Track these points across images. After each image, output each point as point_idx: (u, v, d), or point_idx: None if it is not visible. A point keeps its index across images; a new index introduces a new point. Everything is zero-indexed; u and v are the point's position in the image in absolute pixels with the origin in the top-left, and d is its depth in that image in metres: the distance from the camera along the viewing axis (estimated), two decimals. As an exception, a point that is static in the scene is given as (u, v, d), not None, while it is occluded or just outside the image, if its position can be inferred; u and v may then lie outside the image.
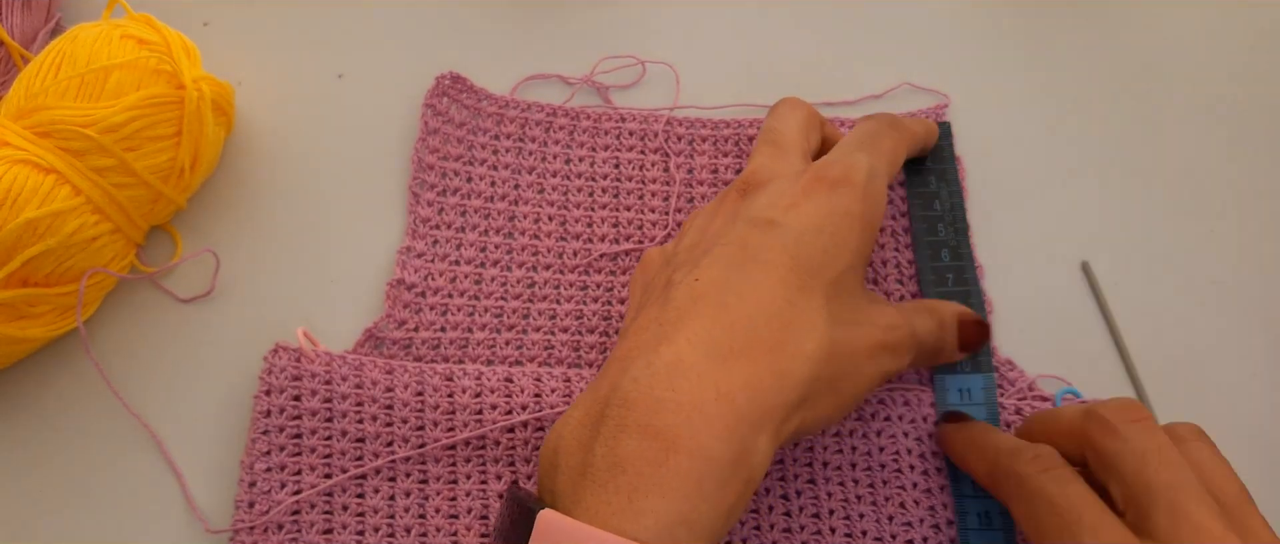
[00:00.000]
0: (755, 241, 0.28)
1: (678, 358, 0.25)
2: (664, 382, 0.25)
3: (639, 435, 0.24)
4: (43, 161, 0.32)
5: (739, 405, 0.25)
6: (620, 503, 0.23)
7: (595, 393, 0.26)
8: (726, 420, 0.25)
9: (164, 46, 0.36)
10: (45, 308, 0.34)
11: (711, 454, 0.24)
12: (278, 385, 0.34)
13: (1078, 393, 0.35)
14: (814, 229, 0.28)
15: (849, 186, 0.29)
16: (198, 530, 0.33)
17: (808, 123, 0.34)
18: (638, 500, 0.23)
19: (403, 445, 0.33)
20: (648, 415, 0.24)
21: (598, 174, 0.39)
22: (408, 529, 0.32)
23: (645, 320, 0.27)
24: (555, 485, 0.26)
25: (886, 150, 0.32)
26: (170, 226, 0.38)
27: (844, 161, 0.30)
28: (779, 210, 0.29)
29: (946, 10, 0.44)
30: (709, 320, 0.26)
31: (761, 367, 0.26)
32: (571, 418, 0.27)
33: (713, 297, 0.27)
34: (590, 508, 0.24)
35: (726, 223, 0.30)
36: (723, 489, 0.24)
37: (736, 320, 0.26)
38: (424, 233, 0.38)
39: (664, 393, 0.25)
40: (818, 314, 0.27)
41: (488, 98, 0.41)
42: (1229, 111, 0.41)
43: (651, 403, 0.25)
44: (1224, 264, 0.38)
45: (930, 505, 0.33)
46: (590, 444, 0.25)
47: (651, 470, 0.24)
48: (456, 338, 0.36)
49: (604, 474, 0.24)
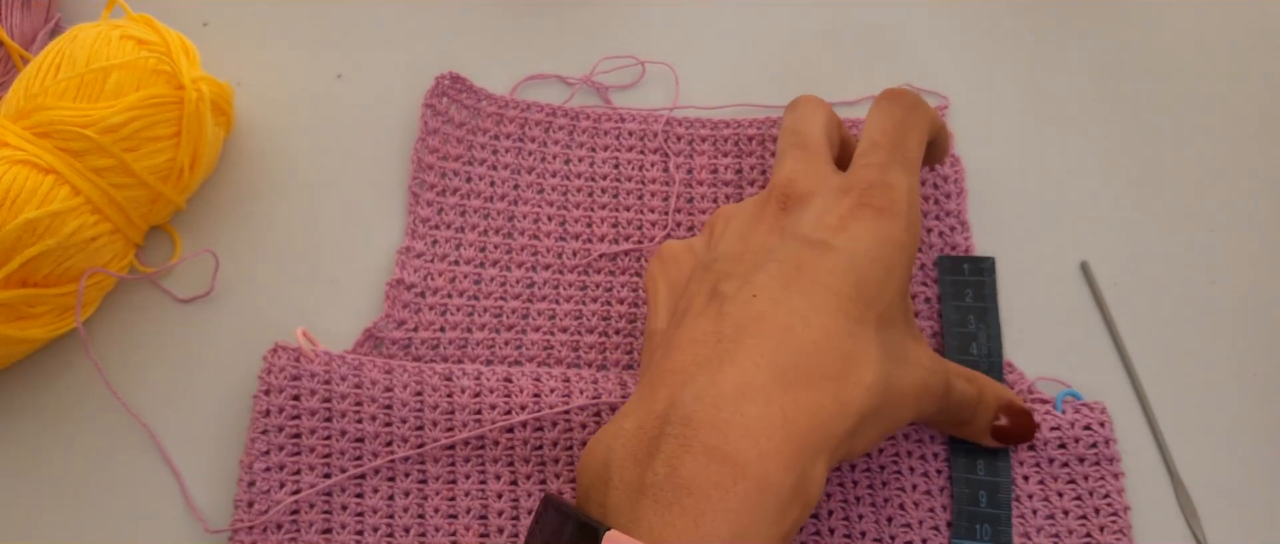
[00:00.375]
0: (811, 263, 0.27)
1: (745, 380, 0.25)
2: (731, 403, 0.24)
3: (705, 458, 0.24)
4: (42, 162, 0.32)
5: (804, 433, 0.24)
6: (686, 526, 0.23)
7: (649, 406, 0.26)
8: (791, 447, 0.24)
9: (163, 47, 0.36)
10: (44, 308, 0.34)
11: (775, 481, 0.24)
12: (277, 385, 0.34)
13: (1078, 394, 0.34)
14: (867, 257, 0.28)
15: (894, 214, 0.28)
16: (197, 530, 0.33)
17: (830, 122, 0.33)
18: (704, 524, 0.23)
19: (402, 445, 0.33)
20: (714, 437, 0.24)
21: (597, 174, 0.39)
22: (407, 529, 0.32)
23: (698, 333, 0.27)
24: (606, 500, 0.25)
25: (914, 151, 0.31)
26: (169, 227, 0.38)
27: (884, 185, 0.29)
28: (828, 231, 0.28)
29: (946, 10, 0.44)
30: (775, 342, 0.26)
31: (825, 395, 0.25)
32: (622, 429, 0.26)
33: (773, 316, 0.26)
34: (653, 528, 0.23)
35: (772, 235, 0.29)
36: (782, 516, 0.24)
37: (802, 345, 0.26)
38: (423, 233, 0.38)
39: (731, 415, 0.24)
40: (872, 345, 0.27)
41: (487, 98, 0.41)
42: (1229, 111, 0.41)
43: (718, 424, 0.24)
44: (1224, 264, 0.38)
45: (930, 507, 0.33)
46: (647, 460, 0.24)
47: (718, 495, 0.23)
48: (456, 338, 0.36)
49: (667, 494, 0.23)
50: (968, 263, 0.36)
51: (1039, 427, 0.33)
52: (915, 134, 0.31)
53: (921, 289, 0.37)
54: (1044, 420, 0.33)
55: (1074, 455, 0.33)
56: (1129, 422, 0.35)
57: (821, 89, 0.41)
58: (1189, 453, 0.34)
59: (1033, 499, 0.33)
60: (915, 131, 0.31)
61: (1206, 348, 0.36)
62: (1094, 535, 0.32)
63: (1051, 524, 0.32)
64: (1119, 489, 0.33)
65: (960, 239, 0.37)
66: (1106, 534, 0.32)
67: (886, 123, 0.31)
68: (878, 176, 0.29)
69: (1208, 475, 0.34)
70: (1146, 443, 0.34)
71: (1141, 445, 0.34)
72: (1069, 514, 0.32)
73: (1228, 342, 0.36)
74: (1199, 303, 0.37)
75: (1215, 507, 0.33)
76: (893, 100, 0.32)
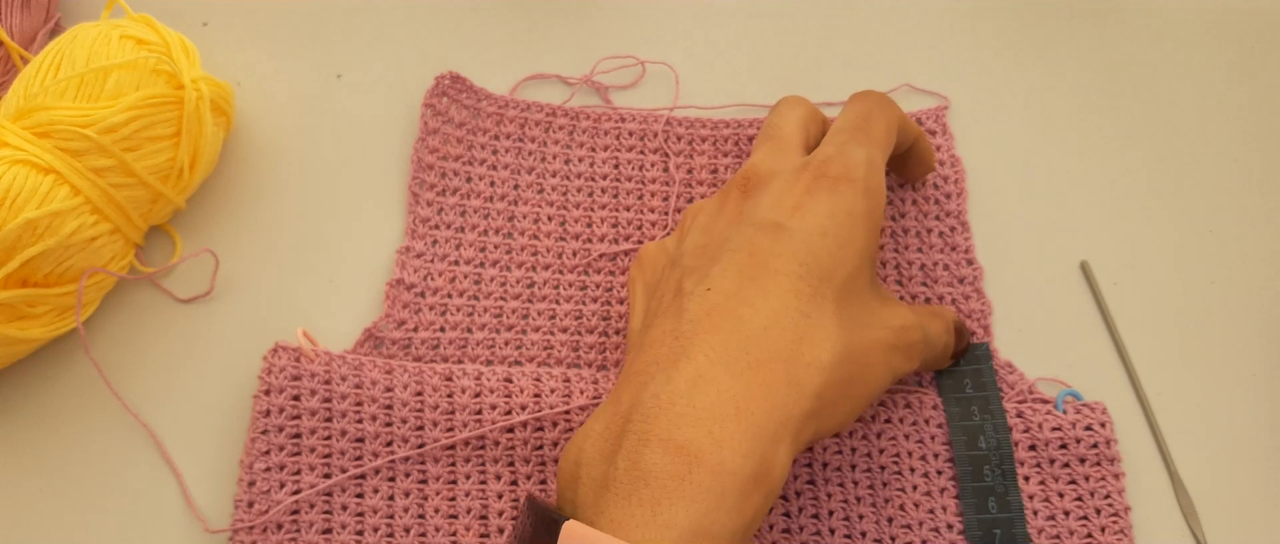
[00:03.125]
0: (764, 247, 0.28)
1: (697, 372, 0.26)
2: (685, 397, 0.25)
3: (661, 449, 0.25)
4: (42, 162, 0.32)
5: (758, 419, 0.25)
6: (644, 515, 0.24)
7: (616, 406, 0.27)
8: (747, 434, 0.25)
9: (163, 47, 0.36)
10: (44, 308, 0.34)
11: (733, 468, 0.24)
12: (277, 385, 0.34)
13: (1078, 395, 0.34)
14: (819, 232, 0.28)
15: (849, 183, 0.29)
16: (197, 530, 0.33)
17: (808, 117, 0.34)
18: (661, 512, 0.24)
19: (402, 445, 0.33)
20: (670, 429, 0.25)
21: (597, 174, 0.39)
22: (407, 529, 0.32)
23: (660, 333, 0.28)
24: (577, 497, 0.26)
25: (879, 135, 0.32)
26: (169, 227, 0.38)
27: (842, 157, 0.30)
28: (784, 213, 0.29)
29: (946, 10, 0.44)
30: (726, 333, 0.26)
31: (777, 378, 0.26)
32: (592, 431, 0.27)
33: (726, 308, 0.27)
34: (614, 519, 0.24)
35: (731, 225, 0.30)
36: (744, 502, 0.25)
37: (751, 332, 0.26)
38: (423, 233, 0.38)
39: (685, 408, 0.25)
40: (829, 320, 0.27)
41: (487, 98, 0.41)
42: (1229, 111, 0.41)
43: (673, 417, 0.25)
44: (1224, 264, 0.38)
45: (930, 507, 0.33)
46: (612, 456, 0.25)
47: (675, 484, 0.24)
48: (456, 338, 0.36)
49: (627, 486, 0.24)
50: None
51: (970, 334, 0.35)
52: (881, 121, 0.32)
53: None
54: (1044, 421, 0.33)
55: (1074, 456, 0.33)
56: (1129, 422, 0.35)
57: (821, 89, 0.41)
58: (1189, 453, 0.34)
59: (1033, 500, 0.33)
60: (881, 120, 0.32)
61: (1206, 348, 0.36)
62: (1095, 536, 0.32)
63: (1052, 525, 0.32)
64: (1119, 489, 0.33)
65: (960, 239, 0.37)
66: (1107, 534, 0.32)
67: (851, 112, 0.33)
68: (836, 151, 0.31)
69: (1208, 475, 0.34)
70: (1146, 443, 0.34)
71: (1141, 445, 0.34)
72: (1070, 515, 0.32)
73: (1228, 342, 0.36)
74: (1199, 303, 0.37)
75: (1215, 507, 0.33)
76: (860, 96, 0.34)
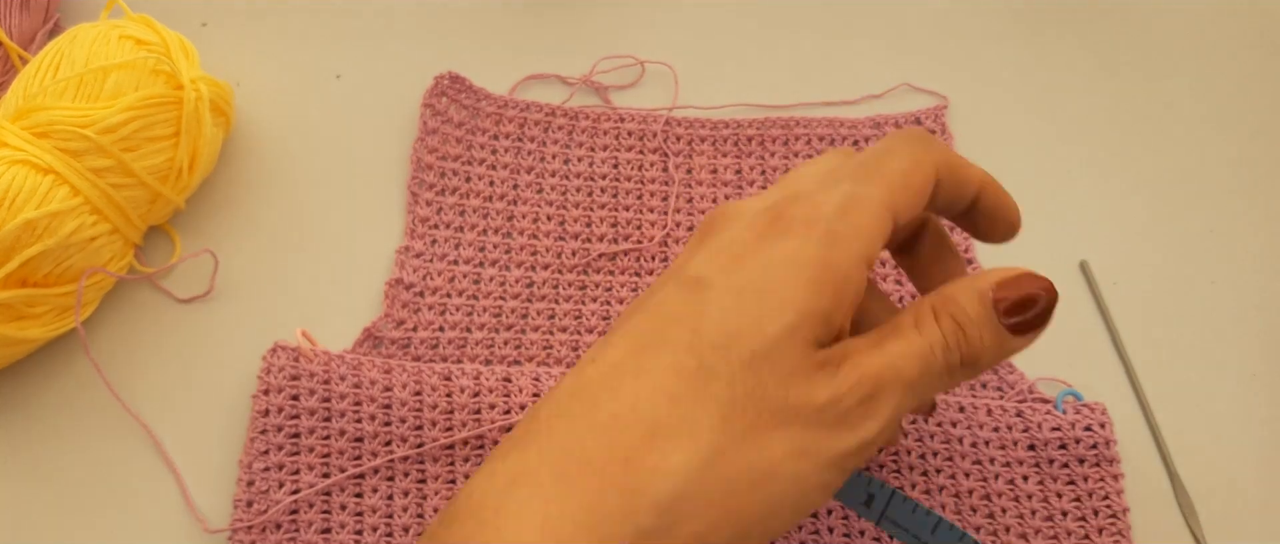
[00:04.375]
0: (670, 310, 0.23)
1: (522, 469, 0.22)
2: (496, 498, 0.21)
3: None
4: (41, 162, 0.32)
5: (563, 538, 0.20)
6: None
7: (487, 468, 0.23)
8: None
9: (162, 47, 0.36)
10: (44, 308, 0.34)
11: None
12: (276, 385, 0.34)
13: (1078, 395, 0.34)
14: (738, 291, 0.23)
15: (807, 227, 0.23)
16: (196, 530, 0.33)
17: (914, 167, 0.25)
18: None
19: (401, 445, 0.33)
20: (464, 538, 0.21)
21: (596, 174, 0.39)
22: (406, 529, 0.32)
23: (539, 404, 0.24)
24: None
25: (891, 174, 0.25)
26: (169, 227, 0.38)
27: (813, 196, 0.24)
28: (717, 264, 0.23)
29: (946, 10, 0.44)
30: (574, 421, 0.22)
31: (607, 485, 0.21)
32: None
33: (593, 388, 0.23)
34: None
35: (664, 277, 0.25)
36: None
37: (596, 422, 0.22)
38: (423, 232, 0.38)
39: (490, 515, 0.21)
40: (705, 407, 0.22)
41: (486, 98, 0.41)
42: (1229, 112, 0.41)
43: (475, 524, 0.21)
44: (1224, 264, 0.38)
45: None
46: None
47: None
48: (455, 337, 0.36)
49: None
50: None
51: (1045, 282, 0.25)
52: (899, 159, 0.25)
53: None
54: (1044, 421, 0.33)
55: (1074, 456, 0.33)
56: (1129, 422, 0.35)
57: (821, 89, 0.41)
58: (1189, 453, 0.34)
59: (1032, 500, 0.32)
60: (901, 157, 0.25)
61: (1206, 348, 0.36)
62: (1092, 537, 0.32)
63: (1050, 526, 0.32)
64: (1118, 491, 0.32)
65: (959, 238, 0.37)
66: (1105, 536, 0.32)
67: (879, 142, 0.26)
68: (814, 188, 0.24)
69: (1207, 475, 0.34)
70: (1146, 443, 0.34)
71: (1141, 445, 0.34)
72: (1068, 515, 0.32)
73: (1227, 341, 0.36)
74: (1199, 303, 0.37)
75: (1215, 507, 0.33)
76: (894, 132, 0.27)
